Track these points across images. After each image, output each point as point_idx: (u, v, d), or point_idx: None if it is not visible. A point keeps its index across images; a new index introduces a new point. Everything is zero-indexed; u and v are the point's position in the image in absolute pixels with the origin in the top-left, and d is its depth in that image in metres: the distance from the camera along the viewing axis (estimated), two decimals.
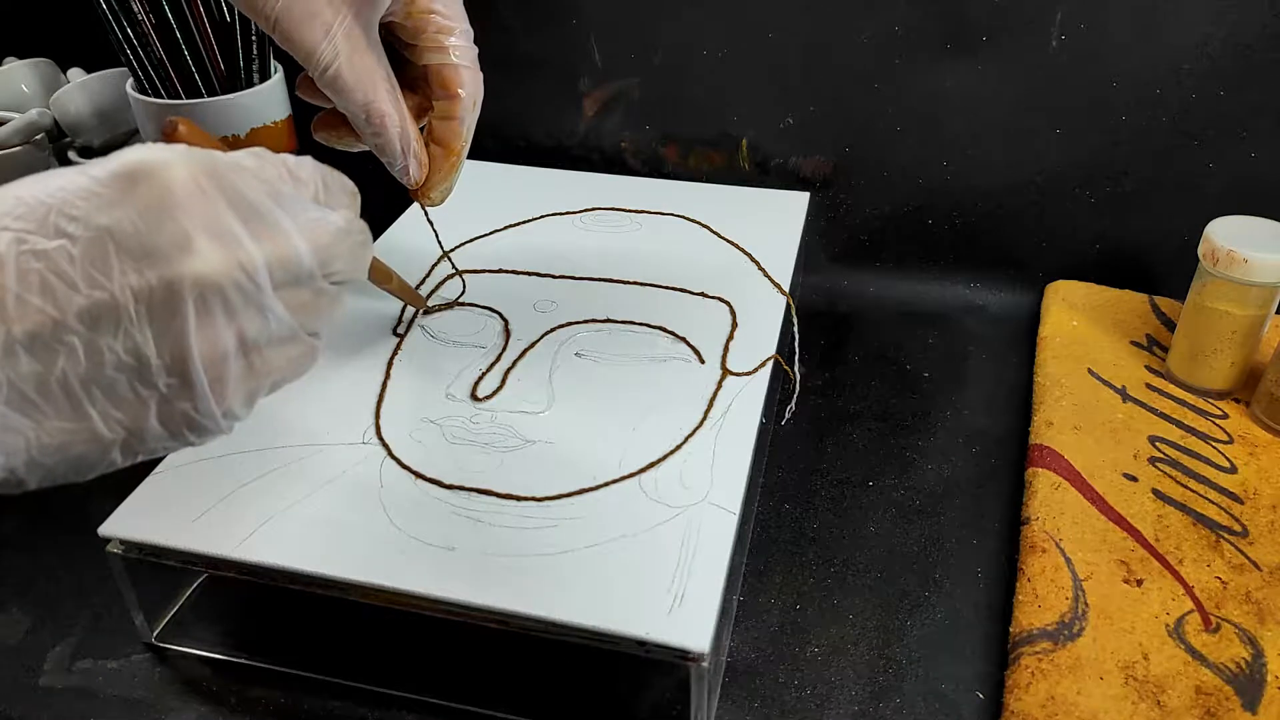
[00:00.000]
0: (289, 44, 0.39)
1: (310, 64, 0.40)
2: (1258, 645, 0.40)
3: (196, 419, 0.28)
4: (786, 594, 0.45)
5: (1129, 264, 0.65)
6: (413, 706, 0.40)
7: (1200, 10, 0.57)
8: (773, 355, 0.48)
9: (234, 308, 0.27)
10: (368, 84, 0.41)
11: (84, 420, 0.26)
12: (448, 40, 0.42)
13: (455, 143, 0.44)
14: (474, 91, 0.43)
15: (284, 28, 0.39)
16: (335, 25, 0.39)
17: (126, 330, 0.26)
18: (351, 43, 0.40)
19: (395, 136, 0.42)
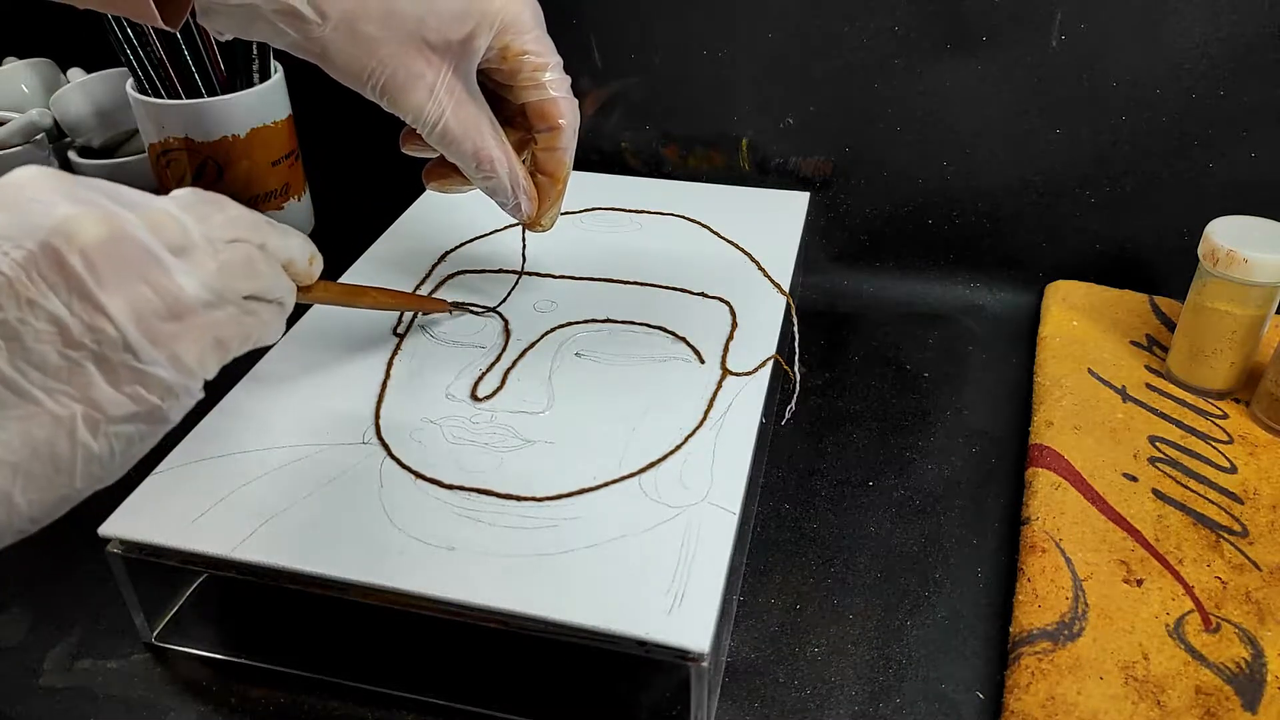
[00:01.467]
0: (396, 108, 0.41)
1: (419, 124, 0.42)
2: (1258, 645, 0.40)
3: (144, 370, 0.29)
4: (786, 594, 0.45)
5: (1129, 264, 0.65)
6: (413, 706, 0.40)
7: (1200, 10, 0.57)
8: (773, 355, 0.48)
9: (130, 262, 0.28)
10: (474, 133, 0.43)
11: (30, 401, 0.27)
12: (544, 77, 0.44)
13: (560, 171, 0.46)
14: (573, 120, 0.46)
15: (391, 94, 0.41)
16: (438, 83, 0.41)
17: (31, 301, 0.27)
18: (454, 96, 0.42)
19: (506, 178, 0.45)
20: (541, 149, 0.46)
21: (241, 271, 0.32)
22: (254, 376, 0.47)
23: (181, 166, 0.66)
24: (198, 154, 0.65)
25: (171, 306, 0.29)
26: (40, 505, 0.28)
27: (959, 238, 0.67)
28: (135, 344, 0.28)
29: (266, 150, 0.67)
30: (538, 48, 0.43)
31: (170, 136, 0.64)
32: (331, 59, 0.40)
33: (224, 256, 0.32)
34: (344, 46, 0.40)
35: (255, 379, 0.47)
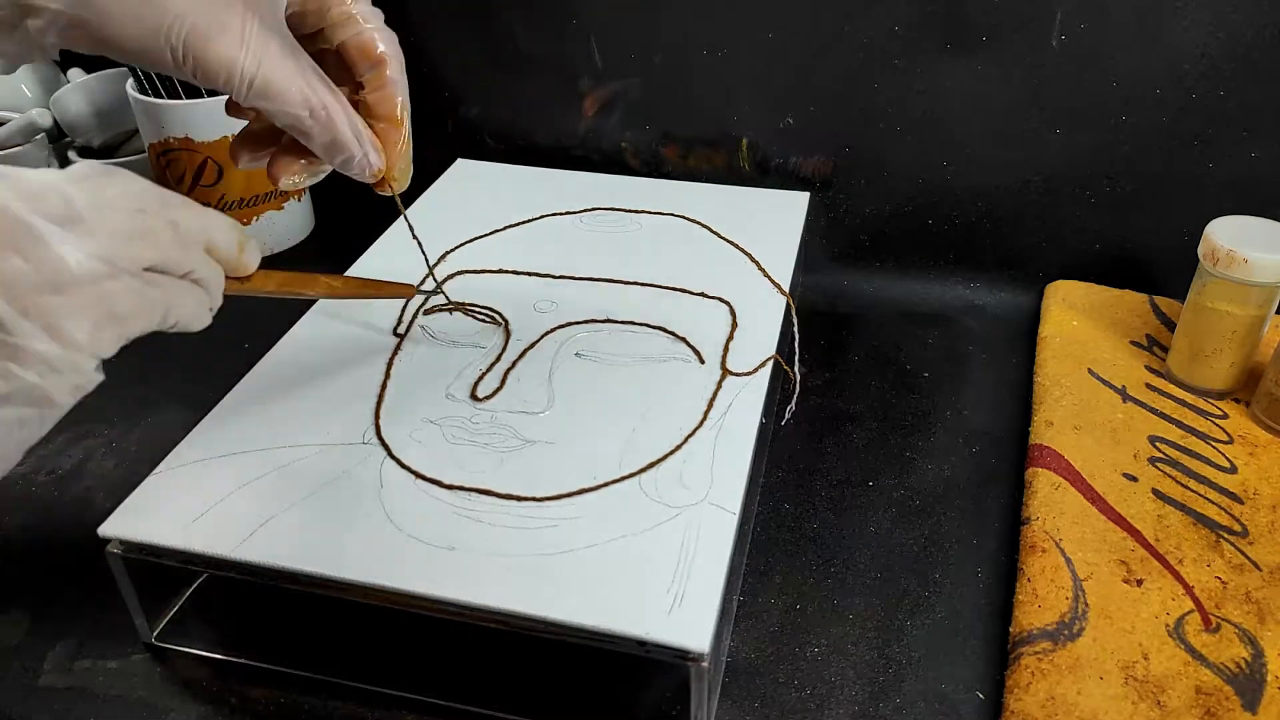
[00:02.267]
0: (204, 68, 0.36)
1: (233, 80, 0.36)
2: (1258, 645, 0.40)
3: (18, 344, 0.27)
4: (786, 594, 0.45)
5: (1129, 264, 0.65)
6: (413, 706, 0.40)
7: (1200, 10, 0.57)
8: (773, 355, 0.48)
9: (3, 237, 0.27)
10: (300, 82, 0.37)
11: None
12: (354, 8, 0.40)
13: (395, 110, 0.41)
14: (395, 51, 0.41)
15: (195, 51, 0.35)
16: (246, 31, 0.36)
17: None
18: (268, 45, 0.36)
19: (347, 128, 0.39)
20: (370, 91, 0.40)
21: (137, 240, 0.30)
22: (254, 376, 0.47)
23: (181, 166, 0.66)
24: (198, 154, 0.65)
25: (51, 278, 0.28)
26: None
27: (959, 238, 0.67)
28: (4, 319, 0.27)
29: None
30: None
31: (170, 136, 0.64)
32: (116, 26, 0.35)
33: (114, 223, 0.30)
34: (127, 6, 0.34)
35: (255, 379, 0.47)
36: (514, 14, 0.68)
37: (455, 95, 0.72)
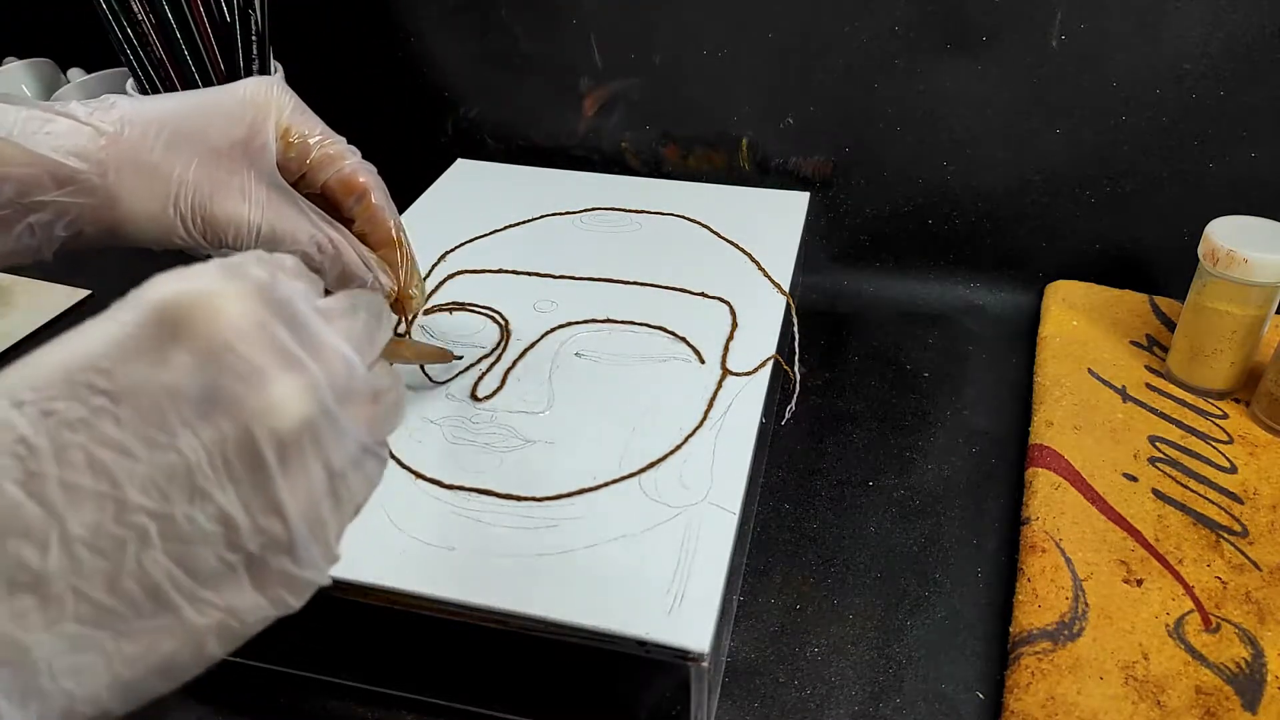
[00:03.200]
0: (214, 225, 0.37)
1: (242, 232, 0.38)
2: (1258, 645, 0.40)
3: (297, 574, 0.24)
4: (786, 594, 0.45)
5: (1129, 264, 0.65)
6: (413, 706, 0.40)
7: (1200, 10, 0.57)
8: (773, 355, 0.48)
9: (317, 440, 0.23)
10: (304, 222, 0.39)
11: (170, 612, 0.22)
12: (331, 148, 0.40)
13: (390, 232, 0.42)
14: (376, 181, 0.42)
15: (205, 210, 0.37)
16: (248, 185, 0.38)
17: (204, 493, 0.22)
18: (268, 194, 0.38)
19: (353, 254, 0.40)
20: (361, 218, 0.42)
21: (392, 419, 0.27)
22: None
23: None
24: None
25: (334, 483, 0.24)
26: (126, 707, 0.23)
27: (959, 238, 0.67)
28: (300, 546, 0.23)
29: None
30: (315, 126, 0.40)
31: None
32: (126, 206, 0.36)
33: (383, 405, 0.26)
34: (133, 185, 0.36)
35: None
36: (514, 14, 0.68)
37: (455, 95, 0.72)
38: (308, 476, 0.23)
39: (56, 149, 0.35)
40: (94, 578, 0.21)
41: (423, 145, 0.73)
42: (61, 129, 0.36)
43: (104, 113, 0.37)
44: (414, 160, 0.71)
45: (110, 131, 0.36)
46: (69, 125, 0.36)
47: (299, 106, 0.40)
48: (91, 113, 0.36)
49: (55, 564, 0.20)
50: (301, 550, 0.23)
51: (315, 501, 0.24)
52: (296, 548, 0.23)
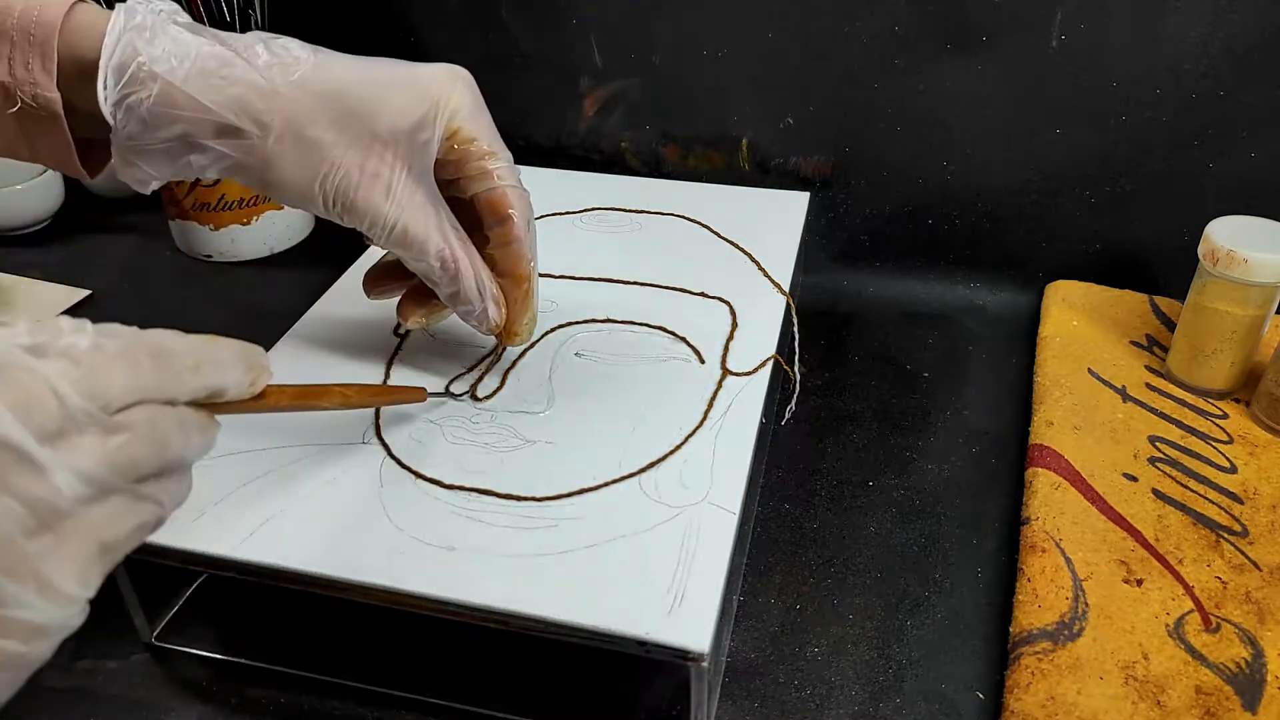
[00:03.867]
0: (353, 213, 0.39)
1: (377, 227, 0.39)
2: (1258, 645, 0.40)
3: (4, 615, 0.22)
4: (786, 594, 0.45)
5: (1129, 264, 0.65)
6: (413, 706, 0.40)
7: (1200, 10, 0.57)
8: (773, 355, 0.48)
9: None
10: (435, 233, 0.40)
11: None
12: (491, 165, 0.41)
13: (521, 267, 0.42)
14: (525, 211, 0.42)
15: (347, 197, 0.38)
16: (395, 181, 0.38)
17: None
18: (412, 196, 0.39)
19: (471, 281, 0.41)
20: (495, 246, 0.42)
21: (143, 449, 0.25)
22: None
23: None
24: None
25: (43, 516, 0.22)
26: None
27: (959, 238, 0.67)
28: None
29: None
30: (484, 135, 0.41)
31: None
32: (278, 172, 0.37)
33: (118, 438, 0.24)
34: (290, 156, 0.37)
35: None
36: (514, 14, 0.68)
37: None
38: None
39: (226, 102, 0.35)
40: None
41: None
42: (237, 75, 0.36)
43: (283, 70, 0.37)
44: None
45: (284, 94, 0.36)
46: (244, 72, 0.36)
47: (475, 110, 0.40)
48: (271, 65, 0.36)
49: None
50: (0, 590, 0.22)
51: (6, 534, 0.22)
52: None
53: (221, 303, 0.66)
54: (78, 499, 0.23)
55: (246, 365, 0.31)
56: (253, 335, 0.52)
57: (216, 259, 0.70)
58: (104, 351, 0.25)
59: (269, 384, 0.33)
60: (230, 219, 0.68)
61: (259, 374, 0.32)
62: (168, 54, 0.35)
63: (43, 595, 0.23)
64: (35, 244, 0.73)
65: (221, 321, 0.36)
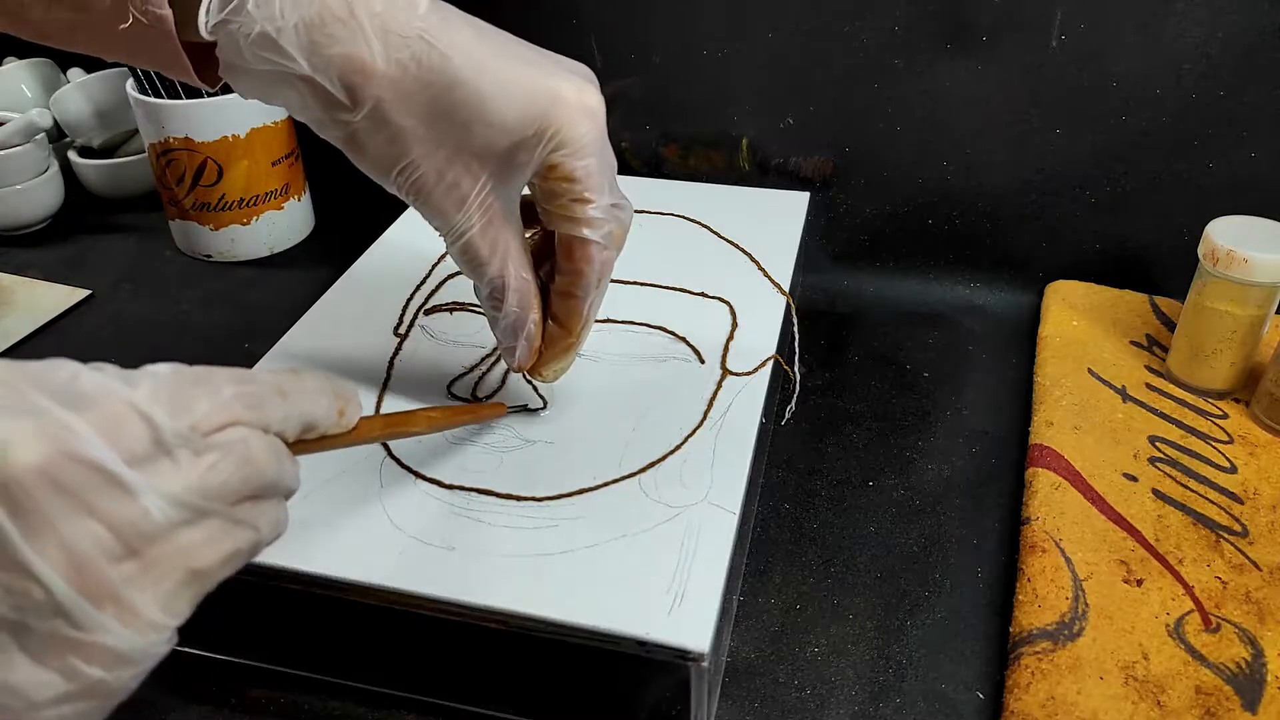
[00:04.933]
0: (424, 211, 0.37)
1: (442, 231, 0.38)
2: (1258, 645, 0.40)
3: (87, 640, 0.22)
4: (786, 594, 0.45)
5: (1129, 264, 0.65)
6: (413, 706, 0.40)
7: (1200, 10, 0.57)
8: (773, 355, 0.48)
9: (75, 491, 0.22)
10: (499, 258, 0.38)
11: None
12: (581, 211, 0.37)
13: (574, 323, 0.40)
14: (600, 269, 0.38)
15: (420, 196, 0.37)
16: (473, 196, 0.36)
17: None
18: (487, 214, 0.37)
19: (511, 321, 0.39)
20: (558, 292, 0.39)
21: (234, 470, 0.25)
22: None
23: (181, 166, 0.66)
24: (198, 154, 0.65)
25: (129, 540, 0.22)
26: None
27: (959, 238, 0.67)
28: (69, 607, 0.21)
29: (266, 150, 0.67)
30: (587, 177, 0.37)
31: (170, 136, 0.64)
32: (358, 147, 0.36)
33: (209, 458, 0.24)
34: (374, 138, 0.35)
35: None
36: (514, 14, 0.68)
37: None
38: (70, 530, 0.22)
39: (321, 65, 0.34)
40: None
41: None
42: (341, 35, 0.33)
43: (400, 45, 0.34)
44: None
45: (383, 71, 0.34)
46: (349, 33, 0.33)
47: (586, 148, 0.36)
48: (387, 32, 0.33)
49: None
50: (76, 612, 0.22)
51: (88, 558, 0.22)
52: (66, 609, 0.21)
53: (221, 303, 0.66)
54: (168, 523, 0.23)
55: (334, 394, 0.30)
56: (253, 335, 0.52)
57: (216, 259, 0.70)
58: (184, 375, 0.25)
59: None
60: (230, 219, 0.68)
61: (347, 404, 0.31)
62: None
63: (123, 621, 0.22)
64: (35, 244, 0.73)
65: (221, 321, 0.36)
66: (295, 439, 0.29)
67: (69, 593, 0.21)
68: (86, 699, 0.22)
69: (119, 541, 0.22)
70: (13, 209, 0.72)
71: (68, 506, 0.22)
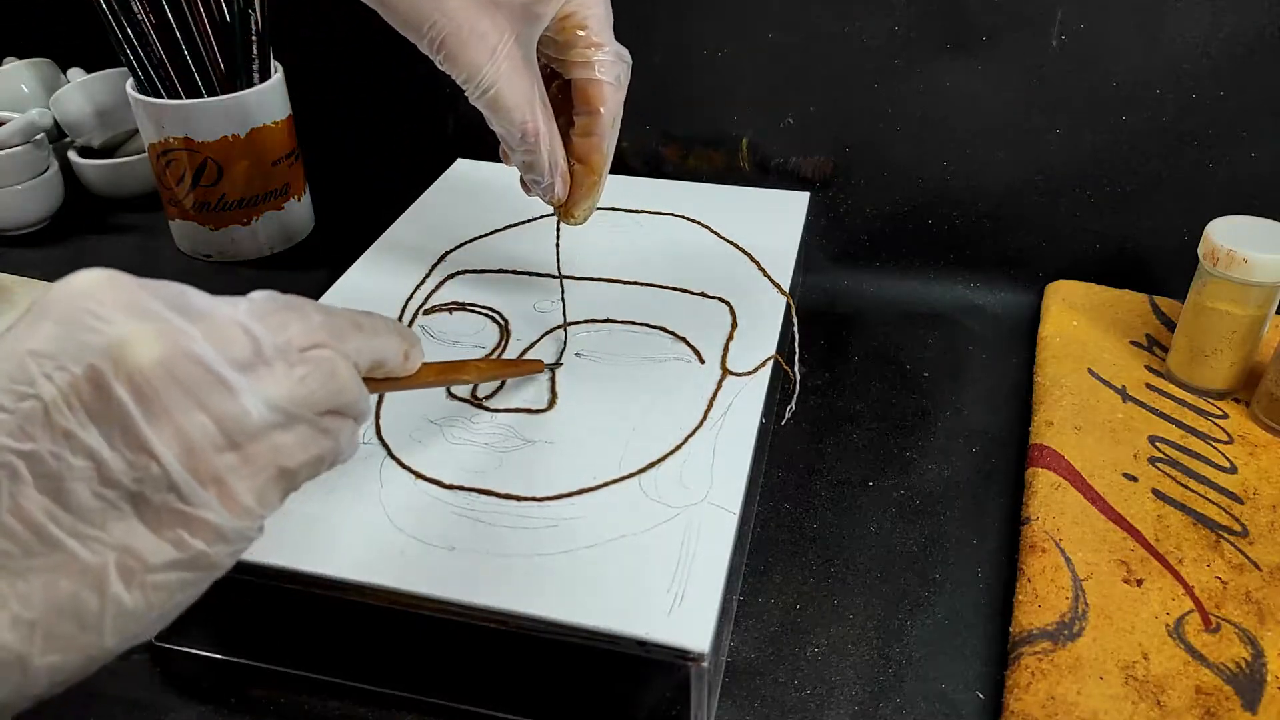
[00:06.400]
0: (452, 65, 0.40)
1: (471, 84, 0.40)
2: (1258, 645, 0.40)
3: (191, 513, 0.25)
4: (786, 594, 0.45)
5: (1129, 264, 0.65)
6: (413, 706, 0.40)
7: (1200, 10, 0.57)
8: (773, 355, 0.48)
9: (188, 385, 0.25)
10: (525, 103, 0.41)
11: (57, 549, 0.24)
12: (595, 55, 0.42)
13: (596, 158, 0.44)
14: (614, 109, 0.44)
15: (449, 50, 0.39)
16: (499, 46, 0.39)
17: (67, 432, 0.24)
18: (512, 62, 0.40)
19: (545, 156, 0.43)
20: (579, 134, 0.44)
21: (321, 384, 0.28)
22: None
23: (181, 166, 0.66)
24: (198, 154, 0.65)
25: (231, 434, 0.25)
26: (62, 668, 0.24)
27: (959, 238, 0.67)
28: (181, 484, 0.25)
29: (266, 150, 0.67)
30: (598, 24, 0.42)
31: (170, 136, 0.64)
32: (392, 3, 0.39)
33: (301, 370, 0.28)
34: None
35: None
36: None
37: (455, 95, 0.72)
38: (183, 418, 0.25)
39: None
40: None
41: (423, 145, 0.73)
42: None
43: None
44: (414, 160, 0.71)
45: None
46: None
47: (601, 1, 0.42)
48: None
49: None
50: (186, 488, 0.25)
51: (197, 444, 0.25)
52: (178, 485, 0.25)
53: None
54: (264, 424, 0.26)
55: (400, 336, 0.33)
56: None
57: (216, 259, 0.70)
58: (278, 301, 0.29)
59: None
60: (230, 219, 0.68)
61: (412, 347, 0.34)
62: None
63: (224, 503, 0.25)
64: (35, 244, 0.73)
65: None
66: (364, 375, 0.31)
67: (180, 470, 0.25)
68: (191, 568, 0.26)
69: (223, 434, 0.25)
70: (13, 209, 0.72)
71: (182, 398, 0.25)
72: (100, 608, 0.24)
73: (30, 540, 0.24)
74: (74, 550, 0.24)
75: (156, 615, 0.25)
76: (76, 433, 0.24)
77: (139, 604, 0.25)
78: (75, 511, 0.24)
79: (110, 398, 0.24)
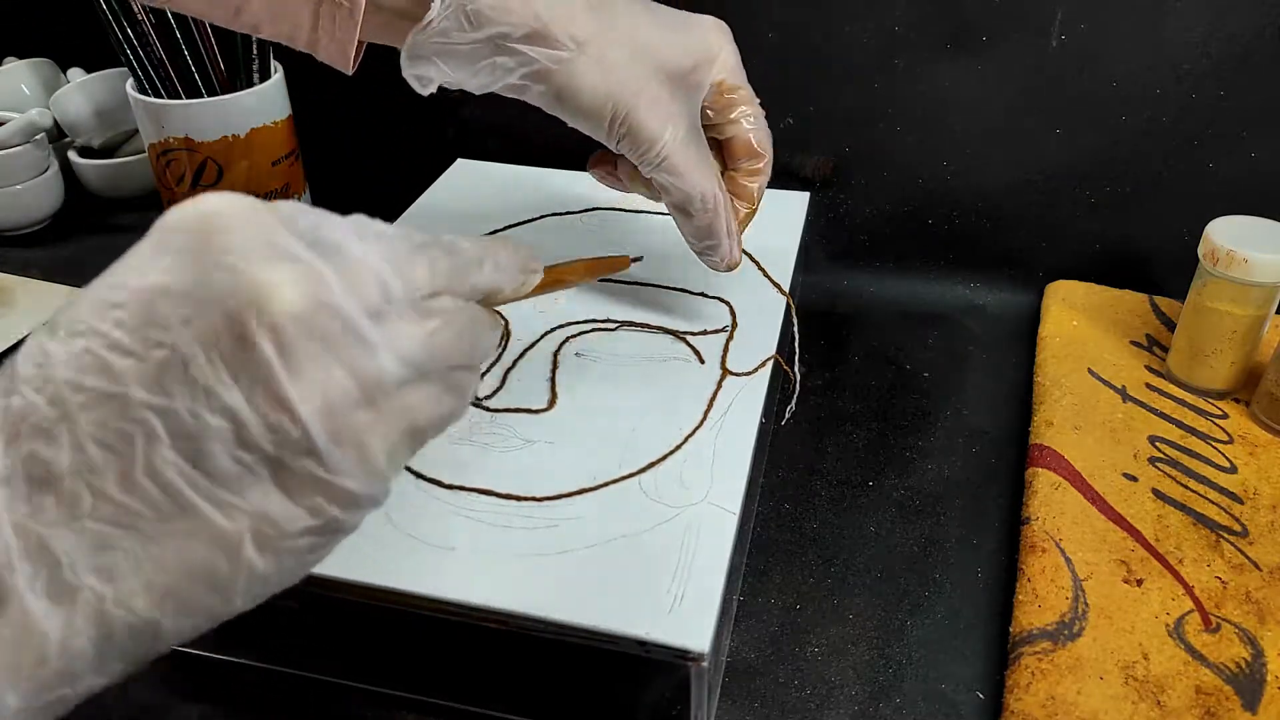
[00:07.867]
0: (633, 139, 0.40)
1: (651, 152, 0.41)
2: (1258, 645, 0.40)
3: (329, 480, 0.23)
4: (786, 594, 0.45)
5: (1129, 264, 0.65)
6: (413, 706, 0.40)
7: (1200, 10, 0.57)
8: (773, 355, 0.48)
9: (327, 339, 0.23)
10: (701, 170, 0.42)
11: (191, 514, 0.22)
12: (751, 110, 0.45)
13: (754, 198, 0.47)
14: (770, 147, 0.46)
15: (632, 124, 0.40)
16: (674, 114, 0.41)
17: (206, 387, 0.22)
18: (684, 132, 0.41)
19: (723, 223, 0.44)
20: (744, 175, 0.46)
21: (454, 340, 0.26)
22: None
23: (181, 166, 0.66)
24: (198, 154, 0.65)
25: (368, 390, 0.24)
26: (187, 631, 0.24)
27: (959, 238, 0.67)
28: (321, 447, 0.23)
29: (266, 150, 0.67)
30: (745, 85, 0.45)
31: (170, 136, 0.64)
32: (577, 84, 0.39)
33: (431, 324, 0.26)
34: (593, 71, 0.39)
35: None
36: None
37: (455, 95, 0.72)
38: (322, 375, 0.23)
39: (553, 15, 0.37)
40: (106, 474, 0.22)
41: (423, 145, 0.73)
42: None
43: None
44: (414, 160, 0.71)
45: (593, 13, 0.38)
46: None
47: (738, 64, 0.44)
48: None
49: (68, 460, 0.22)
50: (325, 453, 0.23)
51: (336, 403, 0.23)
52: (318, 449, 0.23)
53: None
54: (397, 380, 0.24)
55: (521, 268, 0.32)
56: None
57: None
58: (407, 241, 0.27)
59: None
60: None
61: (530, 277, 0.33)
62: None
63: (360, 466, 0.24)
64: (35, 244, 0.73)
65: None
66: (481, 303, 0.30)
67: (321, 432, 0.23)
68: (323, 534, 0.24)
69: (360, 391, 0.23)
70: (13, 209, 0.72)
71: (321, 352, 0.23)
72: (232, 573, 0.23)
73: (165, 504, 0.22)
74: (211, 517, 0.22)
75: (284, 579, 0.24)
76: (217, 389, 0.22)
77: (270, 569, 0.23)
78: (213, 476, 0.22)
79: (253, 351, 0.22)
